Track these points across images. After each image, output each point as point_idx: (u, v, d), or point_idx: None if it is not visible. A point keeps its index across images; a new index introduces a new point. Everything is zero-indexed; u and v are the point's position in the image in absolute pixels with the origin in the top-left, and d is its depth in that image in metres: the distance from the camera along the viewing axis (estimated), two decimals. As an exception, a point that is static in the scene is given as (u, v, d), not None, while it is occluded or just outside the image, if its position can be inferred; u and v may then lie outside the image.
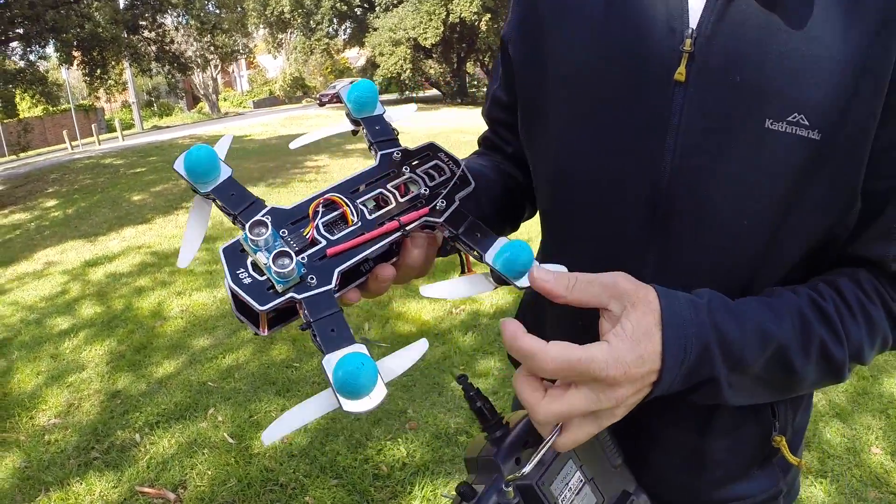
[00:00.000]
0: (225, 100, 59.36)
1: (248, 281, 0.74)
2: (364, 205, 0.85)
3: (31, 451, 4.25)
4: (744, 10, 0.88)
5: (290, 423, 0.71)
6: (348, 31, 43.22)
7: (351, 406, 0.69)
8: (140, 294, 7.14)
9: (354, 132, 0.97)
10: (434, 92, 45.14)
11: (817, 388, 1.01)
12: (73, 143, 30.09)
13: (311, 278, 0.76)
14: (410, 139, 0.89)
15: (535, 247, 1.10)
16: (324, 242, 0.80)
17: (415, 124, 22.26)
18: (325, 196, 0.83)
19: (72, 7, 16.90)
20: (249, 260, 0.75)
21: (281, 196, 11.96)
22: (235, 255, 0.76)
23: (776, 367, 0.88)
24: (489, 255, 0.88)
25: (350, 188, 0.86)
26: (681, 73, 0.91)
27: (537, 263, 0.85)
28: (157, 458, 4.02)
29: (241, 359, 5.29)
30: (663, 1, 0.93)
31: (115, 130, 37.19)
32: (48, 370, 5.45)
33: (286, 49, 49.48)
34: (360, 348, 0.73)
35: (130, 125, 44.47)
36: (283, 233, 0.79)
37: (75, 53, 19.01)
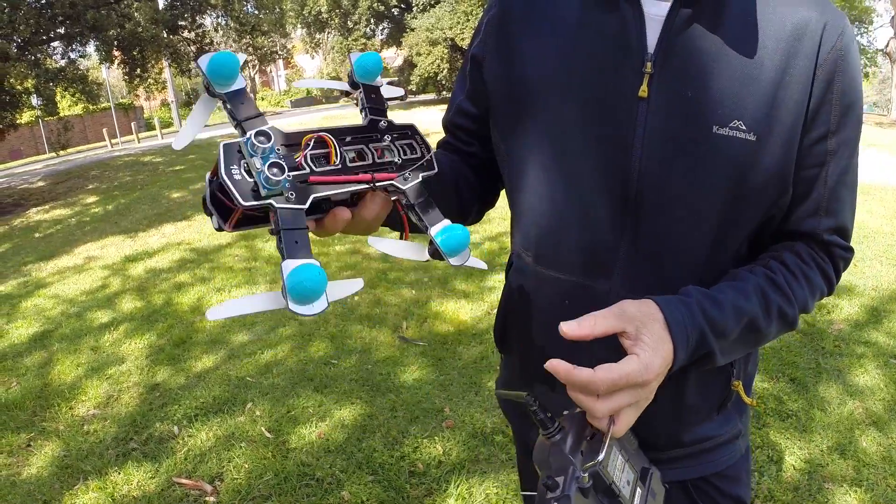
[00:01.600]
0: (263, 99, 59.72)
1: (237, 177, 0.83)
2: (346, 153, 0.97)
3: (69, 440, 4.29)
4: (692, 37, 1.10)
5: (237, 308, 0.83)
6: (385, 31, 43.28)
7: (295, 307, 0.80)
8: (179, 289, 7.20)
9: (348, 94, 1.10)
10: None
11: (776, 338, 1.27)
12: (113, 141, 30.50)
13: (291, 194, 0.86)
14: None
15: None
16: (307, 170, 0.90)
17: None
18: (318, 133, 0.93)
19: (112, 7, 17.09)
20: (243, 162, 0.84)
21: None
22: (232, 153, 0.84)
23: (748, 332, 1.14)
24: (433, 230, 1.03)
25: (339, 135, 0.97)
26: (644, 91, 1.12)
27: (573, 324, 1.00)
28: (194, 450, 4.04)
29: (279, 355, 5.31)
30: (623, 28, 1.14)
31: (153, 128, 37.56)
32: (88, 362, 5.51)
33: (324, 49, 49.64)
34: (315, 262, 0.82)
35: (169, 123, 44.92)
36: (278, 150, 0.88)
37: (115, 53, 19.19)
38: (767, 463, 3.56)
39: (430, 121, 27.40)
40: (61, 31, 16.92)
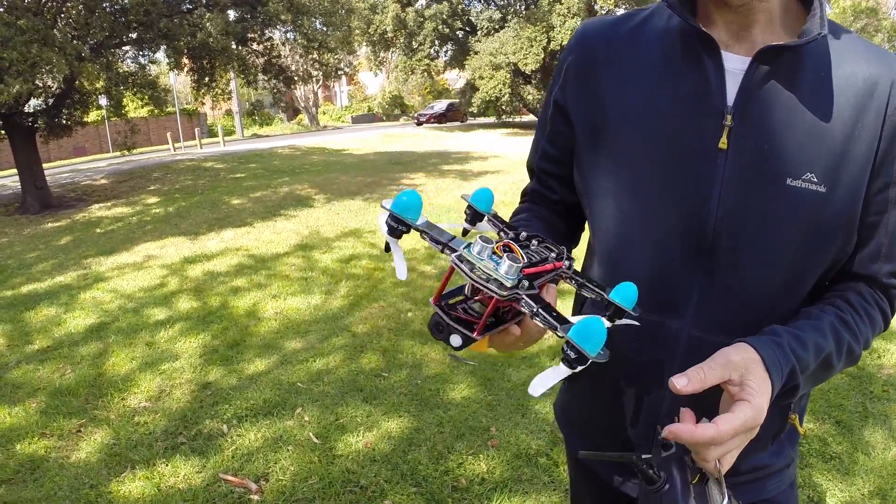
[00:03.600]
0: (324, 113, 60.26)
1: (485, 277, 0.90)
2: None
3: (120, 429, 4.38)
4: (770, 91, 1.16)
5: (546, 380, 0.92)
6: (449, 52, 43.31)
7: (594, 354, 0.87)
8: (236, 293, 7.30)
9: (465, 232, 1.15)
10: (531, 118, 45.01)
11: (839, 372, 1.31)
12: (176, 145, 31.00)
13: (524, 282, 0.93)
14: (509, 163, 1.10)
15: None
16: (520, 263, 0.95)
17: (512, 150, 22.37)
18: (505, 242, 1.02)
19: (185, 17, 17.37)
20: (469, 268, 0.92)
21: (377, 211, 12.02)
22: (461, 264, 0.93)
23: (823, 368, 1.19)
24: (609, 295, 1.08)
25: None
26: (724, 143, 1.17)
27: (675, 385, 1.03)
28: (242, 449, 4.09)
29: (331, 364, 5.36)
30: (705, 81, 1.19)
31: (216, 135, 38.14)
32: (142, 356, 5.61)
33: (387, 67, 50.01)
34: (596, 316, 0.91)
35: (231, 132, 45.46)
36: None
37: (185, 60, 19.48)
38: (808, 503, 3.52)
39: (488, 144, 27.49)
40: (134, 36, 17.21)
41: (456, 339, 0.95)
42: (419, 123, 46.84)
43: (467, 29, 40.45)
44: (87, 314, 6.72)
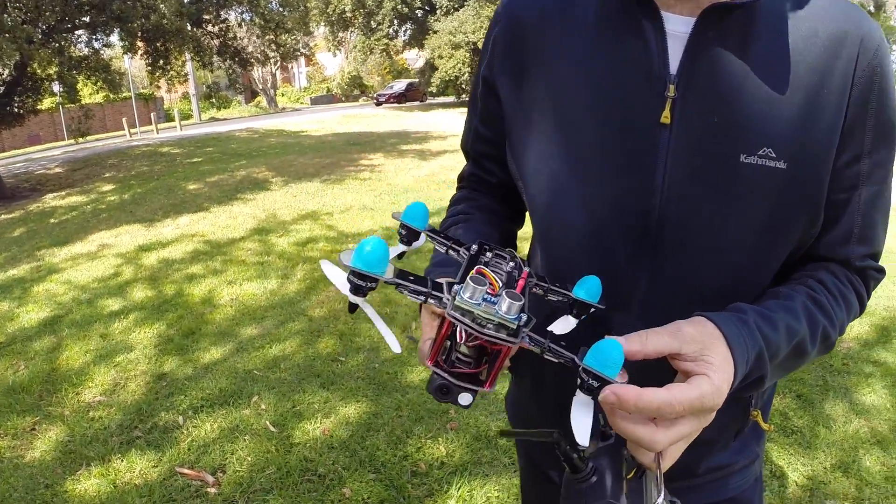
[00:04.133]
0: (283, 95, 59.80)
1: (491, 327, 0.80)
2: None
3: (74, 426, 4.31)
4: (718, 56, 1.03)
5: (582, 421, 0.86)
6: (408, 32, 43.18)
7: (618, 380, 0.82)
8: (191, 281, 7.21)
9: (401, 256, 1.05)
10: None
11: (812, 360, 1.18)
12: (132, 131, 30.56)
13: (524, 314, 0.82)
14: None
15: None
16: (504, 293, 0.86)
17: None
18: (477, 269, 0.89)
19: (138, -1, 17.13)
20: (470, 319, 0.80)
21: (335, 192, 12.01)
22: (463, 317, 0.81)
23: (795, 355, 1.05)
24: (574, 293, 1.02)
25: (475, 266, 0.92)
26: (666, 117, 1.04)
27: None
28: (198, 440, 4.05)
29: (287, 350, 5.31)
30: (644, 47, 1.06)
31: (173, 120, 37.72)
32: (97, 349, 5.53)
33: (346, 48, 49.68)
34: (613, 338, 0.85)
35: (188, 115, 45.00)
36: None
37: (139, 43, 19.23)
38: (770, 478, 3.53)
39: (448, 123, 27.42)
40: (86, 19, 16.96)
41: (466, 398, 0.86)
42: (378, 104, 46.60)
43: (426, 8, 40.30)
44: (41, 307, 6.61)
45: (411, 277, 0.84)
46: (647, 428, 0.87)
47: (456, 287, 0.82)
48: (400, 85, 49.75)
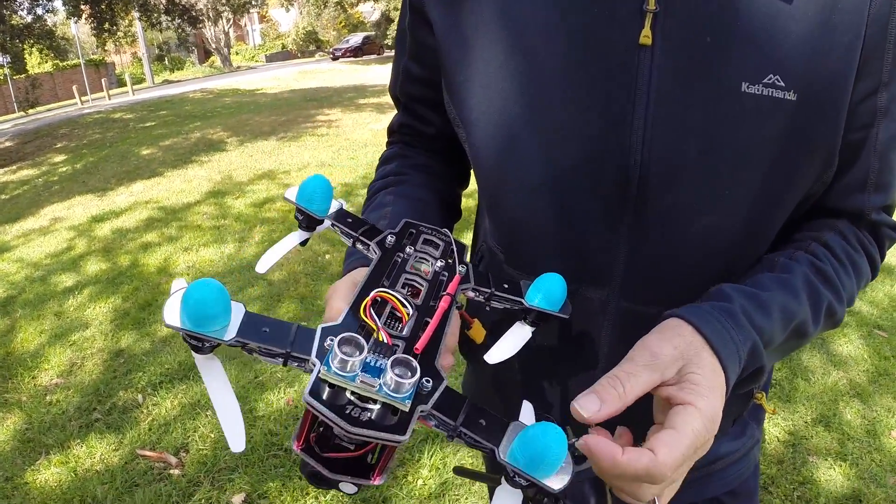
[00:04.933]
0: (237, 54, 59.14)
1: (367, 417, 0.58)
2: (404, 297, 0.74)
3: (32, 412, 4.17)
4: None
5: None
6: (364, -17, 42.83)
7: (551, 483, 0.61)
8: (146, 250, 7.03)
9: (304, 243, 0.87)
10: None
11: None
12: (83, 99, 30.00)
13: (427, 380, 0.64)
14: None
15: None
16: (402, 343, 0.68)
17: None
18: (374, 295, 0.71)
19: (79, -42, 16.66)
20: (348, 392, 0.59)
21: (292, 150, 11.81)
22: (322, 398, 0.59)
23: (793, 338, 0.90)
24: (527, 299, 0.84)
25: (377, 284, 0.75)
26: (646, 36, 0.84)
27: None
28: (159, 419, 3.93)
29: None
30: None
31: (125, 85, 37.08)
32: (51, 329, 5.36)
33: (299, 2, 49.06)
34: (520, 427, 0.65)
35: (141, 80, 44.29)
36: (369, 347, 0.64)
37: (83, 6, 18.78)
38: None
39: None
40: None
41: (349, 487, 0.65)
42: (335, 58, 46.25)
43: (381, -42, 39.75)
44: (-7, 289, 6.39)
45: (265, 329, 0.64)
46: (641, 488, 0.71)
47: (329, 343, 0.62)
48: (356, 39, 49.40)
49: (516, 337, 0.85)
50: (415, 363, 0.61)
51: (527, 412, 0.72)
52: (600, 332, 1.01)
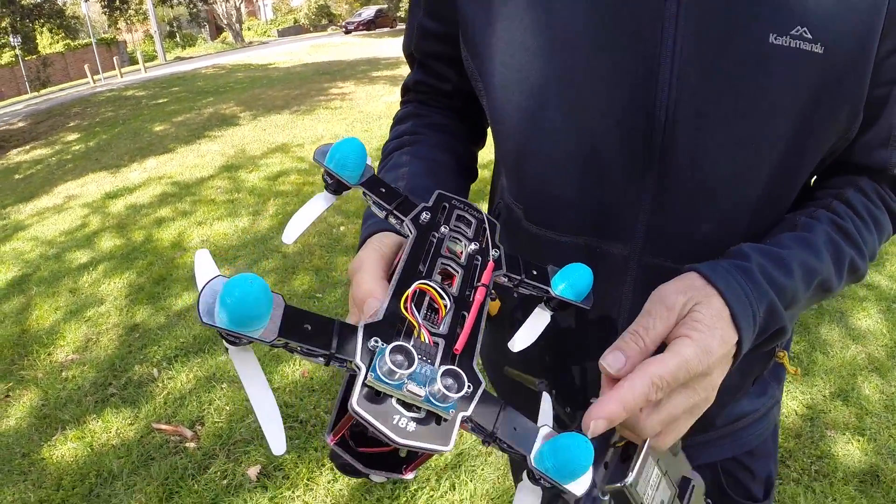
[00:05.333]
0: (249, 29, 59.00)
1: (413, 428, 0.56)
2: (442, 286, 0.71)
3: (48, 388, 4.17)
4: None
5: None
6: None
7: (573, 488, 0.62)
8: (160, 225, 7.02)
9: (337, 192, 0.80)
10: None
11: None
12: (95, 77, 30.00)
13: (469, 387, 0.61)
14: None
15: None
16: (443, 341, 0.65)
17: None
18: (414, 288, 0.67)
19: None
20: (393, 401, 0.57)
21: (306, 123, 11.76)
22: (371, 405, 0.56)
23: (817, 294, 0.89)
24: (553, 286, 0.82)
25: (414, 271, 0.71)
26: None
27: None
28: (174, 393, 3.92)
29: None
30: None
31: (137, 62, 37.06)
32: (67, 305, 5.35)
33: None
34: (547, 432, 0.64)
35: (153, 57, 44.27)
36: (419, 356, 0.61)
37: (93, -16, 18.75)
38: None
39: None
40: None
41: (378, 476, 0.66)
42: (347, 32, 46.08)
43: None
44: (8, 268, 6.39)
45: (307, 327, 0.59)
46: (630, 418, 0.73)
47: (373, 344, 0.59)
48: (369, 12, 49.23)
49: (537, 321, 0.84)
50: (463, 376, 0.59)
51: (545, 408, 0.71)
52: (622, 289, 0.98)
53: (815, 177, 1.02)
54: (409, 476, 0.66)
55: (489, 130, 1.16)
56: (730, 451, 1.21)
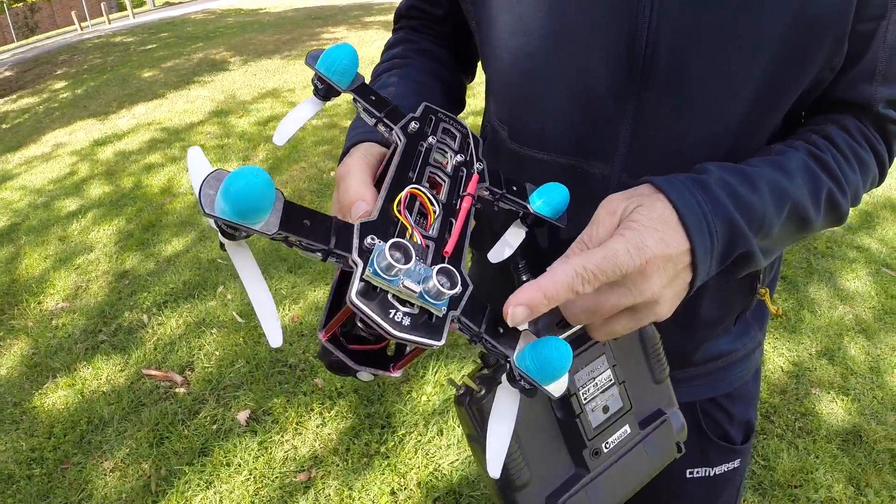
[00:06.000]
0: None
1: (408, 321, 0.59)
2: (430, 192, 0.74)
3: (38, 337, 4.17)
4: None
5: (505, 409, 0.69)
6: None
7: (552, 389, 0.65)
8: (149, 171, 6.96)
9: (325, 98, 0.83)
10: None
11: (819, 231, 1.03)
12: (83, 24, 29.70)
13: (459, 287, 0.63)
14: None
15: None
16: (432, 244, 0.69)
17: None
18: (408, 191, 0.70)
19: None
20: (389, 295, 0.59)
21: (297, 69, 11.62)
22: (368, 297, 0.58)
23: (793, 224, 0.87)
24: (530, 203, 0.86)
25: (405, 176, 0.73)
26: None
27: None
28: (164, 339, 3.92)
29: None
30: None
31: (125, 9, 36.64)
32: (56, 253, 5.33)
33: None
34: (530, 337, 0.67)
35: (142, 3, 43.74)
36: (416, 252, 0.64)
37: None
38: None
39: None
40: None
41: (365, 375, 0.71)
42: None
43: None
44: (-4, 217, 6.35)
45: (306, 222, 0.61)
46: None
47: (370, 242, 0.61)
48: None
49: (513, 237, 0.89)
50: (456, 276, 0.61)
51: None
52: None
53: (800, 115, 1.02)
54: (397, 374, 0.70)
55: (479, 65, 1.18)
56: (709, 390, 1.20)
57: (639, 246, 0.69)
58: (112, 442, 3.20)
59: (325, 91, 0.79)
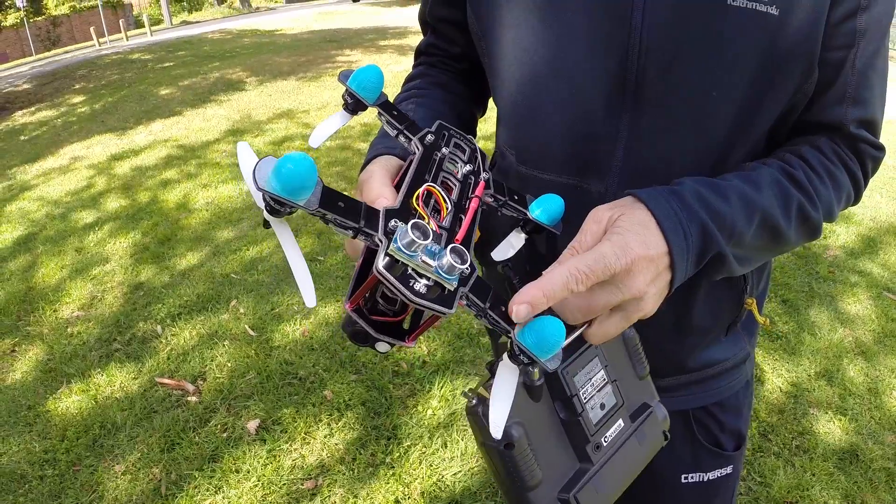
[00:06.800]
0: (255, -5, 58.58)
1: (424, 290, 0.68)
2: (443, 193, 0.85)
3: (54, 343, 4.24)
4: None
5: (505, 386, 0.76)
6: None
7: (548, 363, 0.72)
8: (165, 187, 7.05)
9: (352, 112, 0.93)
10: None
11: (796, 247, 1.11)
12: (101, 40, 29.85)
13: (467, 269, 0.73)
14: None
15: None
16: (445, 233, 0.78)
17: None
18: (426, 188, 0.80)
19: None
20: (409, 269, 0.68)
21: (312, 90, 11.75)
22: (392, 269, 0.68)
23: (765, 233, 0.94)
24: (530, 211, 0.95)
25: (422, 177, 0.83)
26: None
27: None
28: (177, 349, 3.99)
29: (264, 251, 5.21)
30: None
31: (143, 26, 36.88)
32: (72, 263, 5.41)
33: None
34: (549, 316, 0.72)
35: (159, 20, 43.96)
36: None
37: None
38: (754, 383, 3.51)
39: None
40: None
41: (383, 346, 0.79)
42: (355, 0, 45.63)
43: None
44: (14, 227, 6.44)
45: (340, 204, 0.70)
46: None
47: (393, 224, 0.71)
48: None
49: (514, 240, 0.98)
50: (467, 254, 0.70)
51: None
52: None
53: (777, 139, 1.09)
54: (411, 344, 0.78)
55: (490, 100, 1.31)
56: (701, 399, 1.27)
57: (624, 248, 0.77)
58: (124, 446, 3.27)
59: (353, 105, 0.90)
